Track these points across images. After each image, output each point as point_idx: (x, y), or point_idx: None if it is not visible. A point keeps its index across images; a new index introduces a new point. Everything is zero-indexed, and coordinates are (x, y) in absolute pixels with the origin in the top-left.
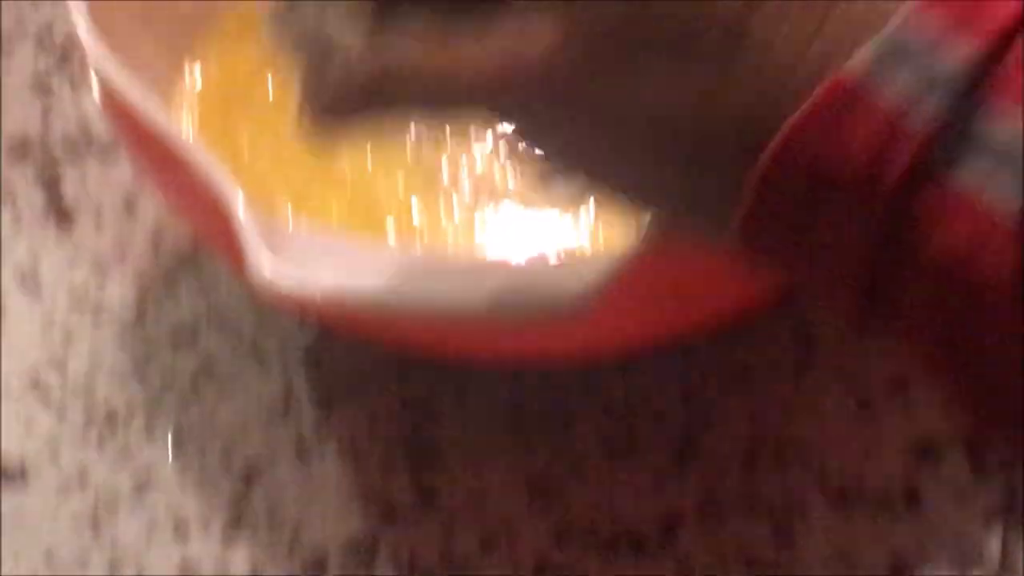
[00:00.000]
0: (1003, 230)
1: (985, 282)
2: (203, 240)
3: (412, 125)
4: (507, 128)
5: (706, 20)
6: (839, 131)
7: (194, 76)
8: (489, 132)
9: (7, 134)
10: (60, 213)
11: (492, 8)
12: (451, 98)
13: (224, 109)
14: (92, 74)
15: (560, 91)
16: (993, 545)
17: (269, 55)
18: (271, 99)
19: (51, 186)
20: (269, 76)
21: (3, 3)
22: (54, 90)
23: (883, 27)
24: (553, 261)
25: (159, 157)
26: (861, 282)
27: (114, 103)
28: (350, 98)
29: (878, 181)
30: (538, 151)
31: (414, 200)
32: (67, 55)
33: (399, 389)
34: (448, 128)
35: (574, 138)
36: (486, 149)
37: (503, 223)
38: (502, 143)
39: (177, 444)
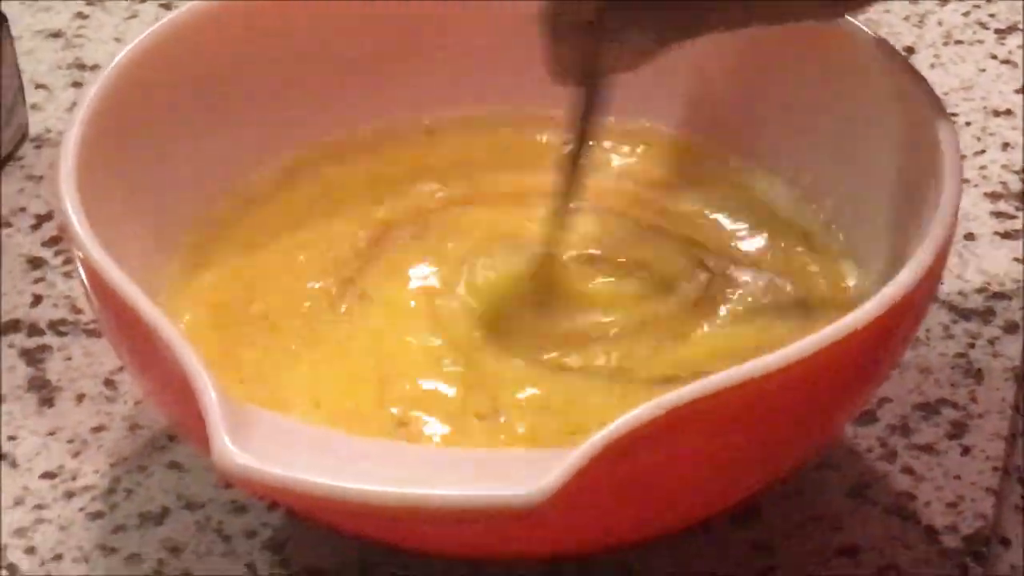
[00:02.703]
0: None
1: None
2: (175, 425)
3: None
4: None
5: None
6: None
7: (186, 271)
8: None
9: None
10: (43, 389)
11: None
12: None
13: (216, 308)
14: (76, 253)
15: None
16: None
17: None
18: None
19: (36, 362)
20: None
21: (5, 188)
22: (46, 269)
23: None
24: (520, 455)
25: (136, 339)
26: None
27: (96, 283)
28: None
29: None
30: None
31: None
32: (62, 238)
33: None
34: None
35: None
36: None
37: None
38: None
39: None
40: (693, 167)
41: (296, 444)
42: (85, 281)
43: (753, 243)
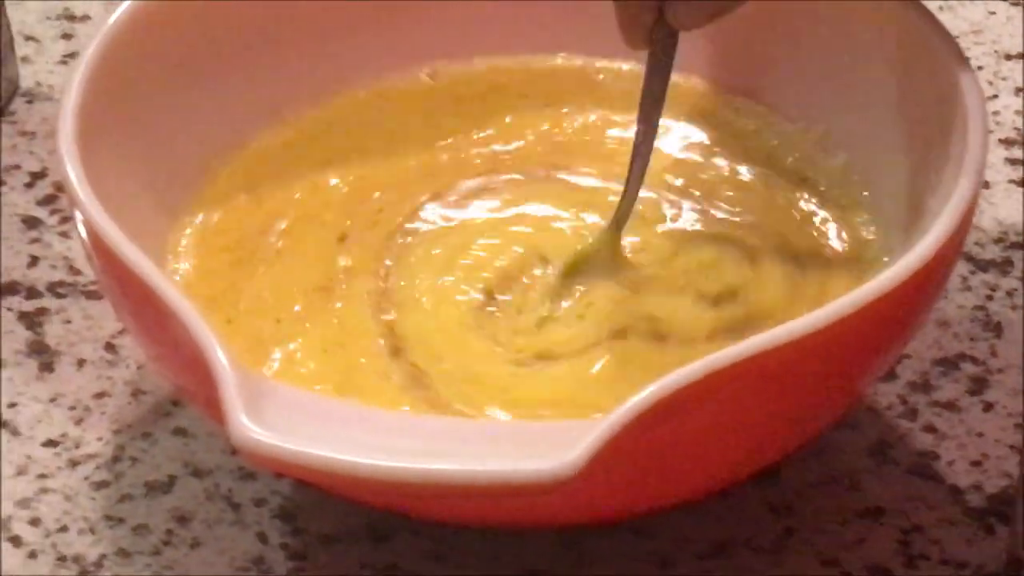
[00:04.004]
0: None
1: None
2: (182, 392)
3: None
4: None
5: None
6: None
7: (187, 231)
8: None
9: None
10: (42, 353)
11: None
12: None
13: (221, 265)
14: (77, 216)
15: None
16: None
17: (266, 210)
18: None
19: (34, 326)
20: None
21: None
22: (42, 229)
23: None
24: (542, 426)
25: (142, 306)
26: None
27: (99, 247)
28: None
29: None
30: None
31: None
32: (57, 197)
33: (375, 547)
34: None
35: None
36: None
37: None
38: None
39: None
40: (707, 115)
41: (313, 418)
42: (93, 253)
43: (767, 194)
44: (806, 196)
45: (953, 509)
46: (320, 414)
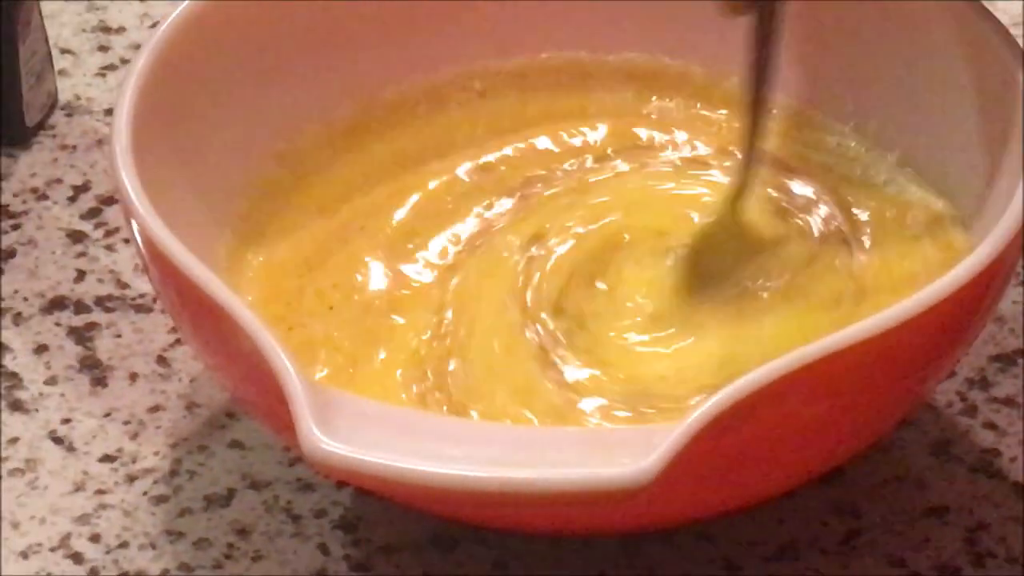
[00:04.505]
0: None
1: None
2: (242, 403)
3: None
4: None
5: None
6: None
7: (244, 239)
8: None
9: (41, 287)
10: (94, 368)
11: None
12: None
13: (276, 272)
14: (134, 228)
15: None
16: None
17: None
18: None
19: (84, 340)
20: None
21: (38, 159)
22: (88, 243)
23: None
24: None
25: (203, 316)
26: None
27: (157, 257)
28: None
29: None
30: None
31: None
32: (101, 210)
33: (438, 556)
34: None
35: None
36: None
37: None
38: None
39: None
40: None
41: (381, 427)
42: (151, 264)
43: (815, 193)
44: (857, 195)
45: (1017, 506)
46: (387, 423)
